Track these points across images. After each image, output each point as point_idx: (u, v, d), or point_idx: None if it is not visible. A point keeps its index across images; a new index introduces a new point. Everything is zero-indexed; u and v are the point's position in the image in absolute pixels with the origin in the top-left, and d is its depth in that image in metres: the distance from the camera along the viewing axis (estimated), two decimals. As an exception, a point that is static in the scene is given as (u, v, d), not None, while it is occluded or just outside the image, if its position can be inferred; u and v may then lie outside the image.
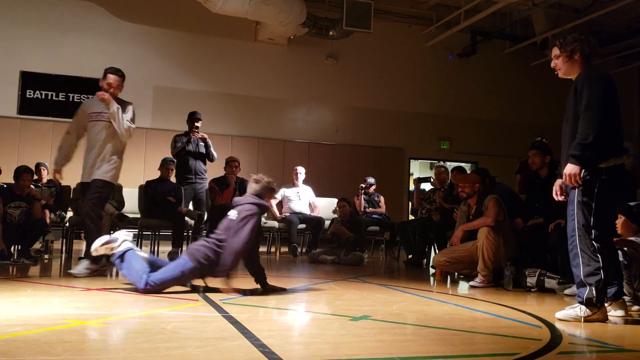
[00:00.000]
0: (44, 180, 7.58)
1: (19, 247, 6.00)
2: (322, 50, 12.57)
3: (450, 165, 9.28)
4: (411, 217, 10.00)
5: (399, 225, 7.61)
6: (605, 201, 3.38)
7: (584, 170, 3.31)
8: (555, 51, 3.58)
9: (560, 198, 3.62)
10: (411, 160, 13.64)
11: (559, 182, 3.63)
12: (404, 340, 2.73)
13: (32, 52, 10.93)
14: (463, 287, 5.15)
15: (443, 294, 4.70)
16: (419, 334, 2.91)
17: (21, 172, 6.12)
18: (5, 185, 6.67)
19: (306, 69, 12.58)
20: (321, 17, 11.58)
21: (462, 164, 7.59)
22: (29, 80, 10.94)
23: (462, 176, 5.96)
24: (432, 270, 6.17)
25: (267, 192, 4.24)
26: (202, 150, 7.32)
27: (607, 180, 3.34)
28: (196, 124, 7.33)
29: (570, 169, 3.33)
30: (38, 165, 7.64)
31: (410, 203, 10.40)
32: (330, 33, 11.62)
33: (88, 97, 11.18)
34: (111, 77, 5.06)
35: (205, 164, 7.40)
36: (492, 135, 13.56)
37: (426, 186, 7.87)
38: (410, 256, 7.11)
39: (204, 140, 7.33)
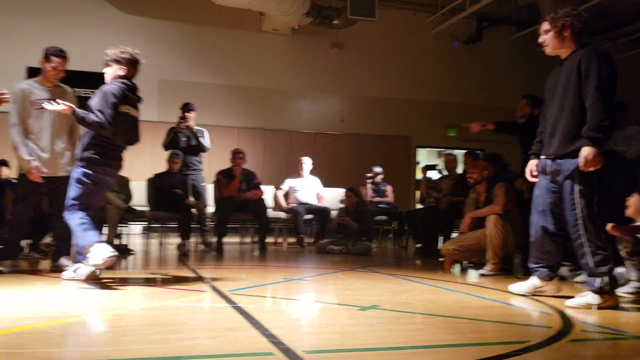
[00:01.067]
0: (52, 175, 7.59)
1: (29, 242, 6.04)
2: (326, 39, 12.51)
3: (458, 152, 9.24)
4: (419, 206, 9.98)
5: (407, 214, 7.59)
6: (604, 188, 3.37)
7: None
8: (545, 26, 3.45)
9: (533, 179, 3.62)
10: (418, 149, 13.60)
11: (534, 162, 3.63)
12: (413, 330, 2.73)
13: (37, 48, 10.91)
14: (472, 275, 5.15)
15: (452, 282, 4.69)
16: (428, 323, 2.91)
17: (29, 167, 6.13)
18: (13, 180, 6.70)
19: (311, 59, 12.54)
20: (325, 6, 11.51)
21: (476, 151, 7.53)
22: (35, 75, 10.89)
23: (471, 163, 5.95)
24: (441, 259, 6.16)
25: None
26: (194, 142, 7.16)
27: (605, 165, 3.28)
28: (186, 114, 7.20)
29: (590, 152, 3.18)
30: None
31: (417, 192, 10.38)
32: (335, 22, 11.56)
33: (94, 92, 11.23)
34: (56, 60, 4.76)
35: (197, 155, 7.25)
36: (499, 122, 13.48)
37: (433, 174, 7.84)
38: (418, 245, 7.11)
39: (190, 131, 7.14)
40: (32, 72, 10.91)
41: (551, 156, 3.47)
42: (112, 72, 4.32)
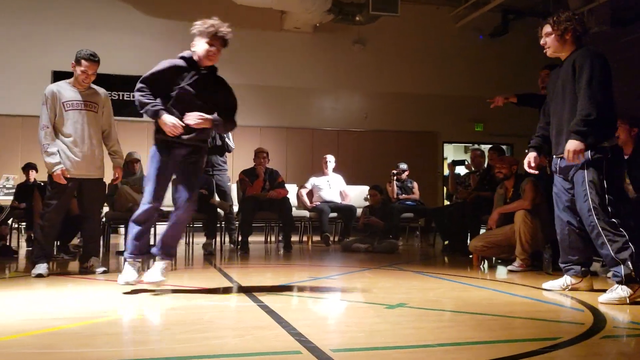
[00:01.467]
0: (80, 177, 7.71)
1: (58, 243, 6.13)
2: (348, 36, 12.47)
3: (485, 147, 9.13)
4: (446, 203, 9.89)
5: (434, 211, 7.52)
6: (613, 178, 3.44)
7: (592, 152, 3.33)
8: (547, 29, 3.58)
9: (531, 170, 3.74)
10: (445, 144, 13.48)
11: (532, 154, 3.73)
12: (442, 327, 2.70)
13: (62, 51, 11.12)
14: (501, 271, 5.07)
15: (480, 279, 4.63)
16: (456, 320, 2.87)
17: (57, 170, 6.22)
18: (42, 183, 6.81)
19: (333, 56, 12.51)
20: (347, 3, 11.47)
21: (501, 145, 7.44)
22: (60, 79, 11.06)
23: (500, 158, 5.88)
24: (469, 256, 6.09)
25: None
26: (218, 142, 7.22)
27: (612, 159, 3.38)
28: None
29: (574, 145, 3.31)
30: (74, 163, 7.77)
31: (445, 188, 10.28)
32: (357, 18, 11.51)
33: (118, 94, 11.40)
34: (85, 64, 4.78)
35: (222, 155, 7.31)
36: (527, 116, 13.25)
37: (461, 170, 7.75)
38: (446, 242, 7.03)
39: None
40: (57, 77, 11.13)
41: (560, 155, 3.52)
42: None
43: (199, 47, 3.65)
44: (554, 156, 3.66)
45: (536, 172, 3.85)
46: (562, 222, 3.66)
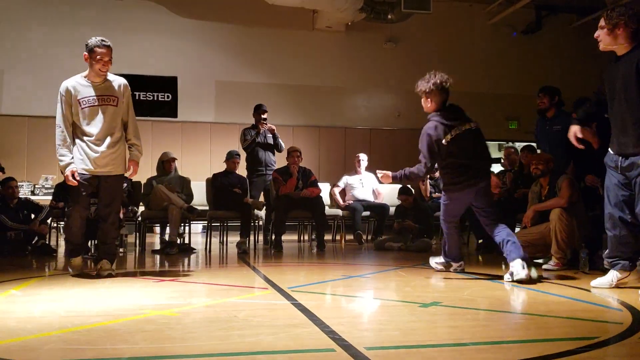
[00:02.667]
0: (117, 177, 7.86)
1: (96, 242, 6.27)
2: (381, 34, 12.43)
3: (519, 145, 8.99)
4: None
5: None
6: None
7: None
8: (601, 22, 3.56)
9: (576, 143, 3.73)
10: (478, 143, 13.30)
11: (577, 127, 3.74)
12: (476, 326, 2.67)
13: (100, 55, 11.36)
14: (536, 270, 4.98)
15: (515, 278, 4.56)
16: (491, 319, 2.84)
17: (95, 169, 6.34)
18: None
19: (365, 55, 12.48)
20: (379, 1, 11.42)
21: (533, 144, 7.30)
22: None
23: (536, 155, 5.77)
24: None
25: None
26: (271, 141, 7.43)
27: None
28: (263, 115, 7.45)
29: None
30: (109, 163, 7.93)
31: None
32: (389, 17, 11.45)
33: (154, 95, 11.58)
34: (100, 51, 4.51)
35: (274, 154, 7.52)
36: (562, 112, 13.02)
37: (495, 168, 7.64)
38: (480, 241, 6.95)
39: (271, 131, 7.43)
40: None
41: (624, 154, 3.49)
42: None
43: None
44: (612, 152, 3.60)
45: (582, 146, 3.77)
46: (614, 218, 3.60)
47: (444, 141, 4.22)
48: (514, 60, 13.00)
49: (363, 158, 8.43)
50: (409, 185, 7.60)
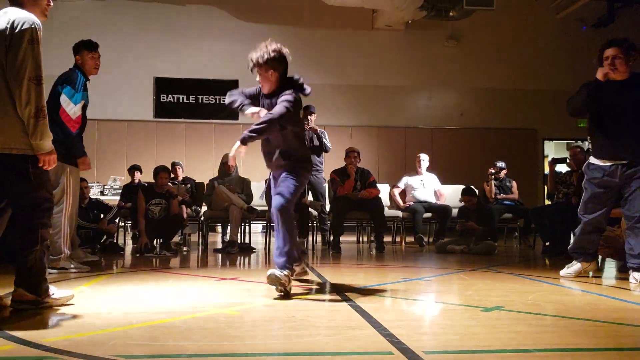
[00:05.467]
0: (180, 178, 8.10)
1: (160, 241, 6.46)
2: (441, 32, 12.23)
3: (588, 145, 8.62)
4: (547, 202, 9.44)
5: (534, 211, 7.18)
6: None
7: None
8: (616, 52, 4.28)
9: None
10: (545, 141, 12.88)
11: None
12: (541, 332, 2.57)
13: (162, 59, 11.74)
14: (609, 275, 4.77)
15: (585, 283, 4.37)
16: (557, 325, 2.73)
17: (159, 171, 6.57)
18: (146, 184, 7.21)
19: (426, 53, 12.32)
20: (440, -1, 11.26)
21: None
22: (161, 85, 11.78)
23: None
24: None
25: None
26: (316, 142, 7.38)
27: None
28: (309, 117, 7.41)
29: None
30: (173, 164, 8.18)
31: (545, 187, 9.81)
32: (450, 14, 11.26)
33: (216, 98, 11.83)
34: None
35: (319, 156, 7.46)
36: (635, 110, 12.38)
37: (562, 168, 7.36)
38: (547, 243, 6.71)
39: (315, 132, 7.39)
40: (159, 83, 11.77)
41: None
42: None
43: None
44: (604, 162, 4.14)
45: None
46: None
47: None
48: (584, 55, 12.47)
49: (424, 158, 8.29)
50: (472, 186, 7.43)
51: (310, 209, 6.90)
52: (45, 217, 2.89)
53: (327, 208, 7.45)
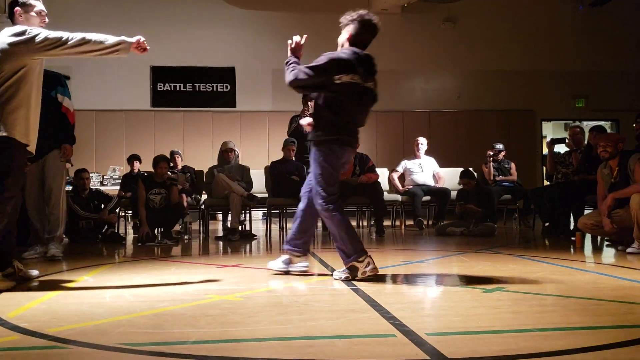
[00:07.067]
0: (179, 167, 8.09)
1: (162, 230, 6.48)
2: (438, 15, 12.17)
3: (586, 125, 8.62)
4: (546, 183, 9.45)
5: (533, 192, 7.19)
6: None
7: None
8: None
9: None
10: (543, 122, 12.87)
11: None
12: (542, 312, 2.59)
13: (159, 47, 11.64)
14: (608, 254, 4.79)
15: (585, 262, 4.40)
16: (559, 305, 2.75)
17: (158, 161, 6.56)
18: (146, 174, 7.21)
19: (422, 36, 12.26)
20: (436, -19, 11.19)
21: (601, 123, 6.98)
22: (158, 74, 11.72)
23: (604, 135, 5.50)
24: (572, 238, 5.79)
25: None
26: None
27: None
28: (309, 102, 7.41)
29: None
30: (172, 153, 8.17)
31: (544, 168, 9.82)
32: (446, -4, 11.20)
33: (213, 86, 11.79)
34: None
35: None
36: (634, 89, 12.36)
37: (561, 148, 7.36)
38: (546, 224, 6.74)
39: None
40: (155, 72, 11.72)
41: None
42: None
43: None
44: None
45: None
46: None
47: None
48: (581, 35, 12.45)
49: (422, 142, 8.29)
50: (470, 169, 7.44)
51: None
52: None
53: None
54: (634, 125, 5.87)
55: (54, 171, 4.82)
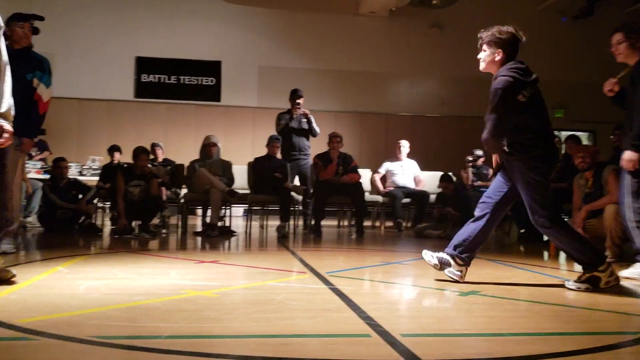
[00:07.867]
0: (160, 159, 8.03)
1: (140, 223, 6.42)
2: (425, 20, 12.24)
3: (564, 134, 8.75)
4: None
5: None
6: None
7: None
8: (619, 37, 4.09)
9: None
10: (522, 131, 13.00)
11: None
12: (516, 317, 2.63)
13: (144, 38, 11.58)
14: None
15: (558, 269, 4.46)
16: (531, 310, 2.78)
17: (138, 152, 6.51)
18: (126, 165, 7.14)
19: (409, 41, 12.32)
20: (424, -14, 11.25)
21: (578, 133, 7.09)
22: (143, 65, 11.62)
23: (582, 146, 5.59)
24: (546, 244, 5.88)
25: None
26: (305, 126, 7.44)
27: None
28: (297, 100, 7.44)
29: (630, 155, 3.69)
30: (153, 146, 8.11)
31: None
32: (434, 2, 11.26)
33: (198, 79, 11.73)
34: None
35: (308, 139, 7.53)
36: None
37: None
38: (522, 230, 6.82)
39: (305, 116, 7.43)
40: (140, 62, 11.62)
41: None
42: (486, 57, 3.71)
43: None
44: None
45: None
46: None
47: None
48: (564, 46, 12.61)
49: (404, 145, 8.35)
50: (450, 173, 7.50)
51: (293, 193, 6.91)
52: None
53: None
54: (611, 137, 5.97)
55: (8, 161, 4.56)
